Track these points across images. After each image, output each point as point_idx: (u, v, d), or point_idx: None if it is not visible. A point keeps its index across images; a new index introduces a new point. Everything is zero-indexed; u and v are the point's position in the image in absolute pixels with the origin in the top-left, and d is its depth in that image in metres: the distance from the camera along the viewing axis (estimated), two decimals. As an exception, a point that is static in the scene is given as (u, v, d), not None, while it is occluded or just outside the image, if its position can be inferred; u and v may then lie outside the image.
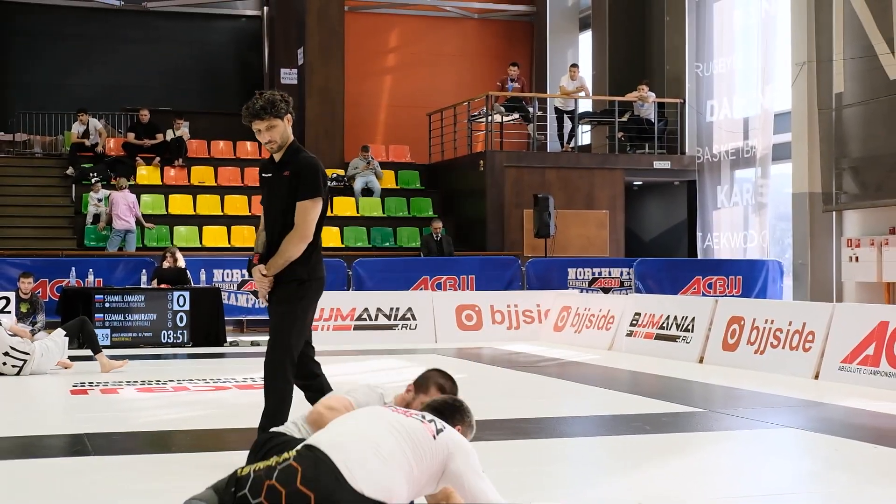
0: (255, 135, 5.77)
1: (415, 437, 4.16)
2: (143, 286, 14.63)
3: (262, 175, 5.91)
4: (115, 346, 13.43)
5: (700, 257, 20.79)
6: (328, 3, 22.93)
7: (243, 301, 15.93)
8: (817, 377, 10.07)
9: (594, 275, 17.74)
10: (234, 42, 26.83)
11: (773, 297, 17.37)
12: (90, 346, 11.01)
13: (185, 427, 7.53)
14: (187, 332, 14.09)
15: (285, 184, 5.71)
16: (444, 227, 19.24)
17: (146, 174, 20.77)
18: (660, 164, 21.27)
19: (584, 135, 23.23)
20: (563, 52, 25.64)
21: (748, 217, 20.10)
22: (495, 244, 20.16)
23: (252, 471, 4.03)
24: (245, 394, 9.17)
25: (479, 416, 7.92)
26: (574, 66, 21.97)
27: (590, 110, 22.45)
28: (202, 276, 15.59)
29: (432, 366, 5.25)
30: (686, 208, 22.10)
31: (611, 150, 21.66)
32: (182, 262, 15.07)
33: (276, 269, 5.71)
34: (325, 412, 4.73)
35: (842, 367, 9.87)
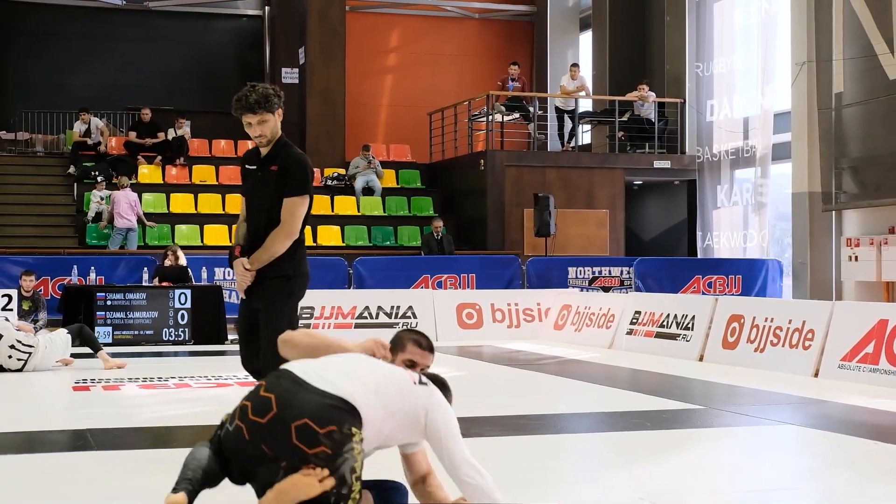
0: (245, 127, 5.68)
1: (392, 374, 4.25)
2: (144, 284, 14.67)
3: (246, 167, 5.84)
4: (116, 343, 13.46)
5: (700, 257, 20.82)
6: (329, 3, 22.96)
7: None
8: (817, 375, 10.10)
9: (594, 274, 17.78)
10: (236, 41, 26.87)
11: (773, 297, 17.40)
12: (90, 347, 11.05)
13: (186, 423, 7.55)
14: (189, 330, 14.12)
15: (272, 178, 5.66)
16: (445, 226, 19.28)
17: (148, 173, 20.80)
18: (660, 164, 21.30)
19: (585, 134, 23.26)
20: (563, 51, 25.69)
21: (748, 216, 20.14)
22: (496, 243, 20.19)
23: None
24: (246, 390, 9.16)
25: (479, 412, 8.02)
26: (574, 65, 22.01)
27: (590, 110, 22.49)
28: (203, 274, 15.62)
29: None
30: (686, 208, 22.13)
31: (611, 150, 21.69)
32: (183, 261, 15.11)
33: (260, 265, 5.67)
34: (298, 340, 4.72)
35: (841, 364, 9.90)
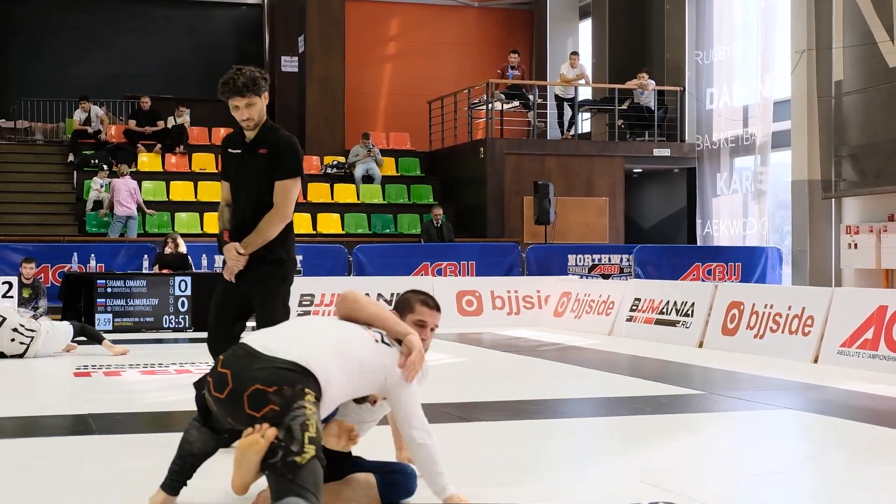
0: (232, 111, 5.57)
1: (352, 332, 4.31)
2: (144, 272, 14.68)
3: (229, 151, 5.75)
4: (116, 330, 13.47)
5: (699, 244, 20.83)
6: (329, -9, 22.95)
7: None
8: (816, 361, 10.12)
9: (594, 261, 17.79)
10: (235, 30, 26.85)
11: (772, 284, 17.40)
12: (93, 341, 11.08)
13: (187, 408, 7.52)
14: (189, 317, 14.14)
15: (261, 162, 5.59)
16: (445, 214, 19.29)
17: (147, 161, 20.80)
18: (659, 152, 21.30)
19: (584, 122, 23.26)
20: (563, 40, 25.65)
21: (747, 204, 20.15)
22: (495, 231, 20.20)
23: None
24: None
25: (479, 397, 8.05)
26: (574, 53, 21.99)
27: (590, 98, 22.48)
28: (203, 261, 15.61)
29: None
30: (685, 195, 22.14)
31: (610, 138, 21.70)
32: (183, 248, 15.12)
33: (253, 248, 5.61)
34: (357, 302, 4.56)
35: (841, 350, 9.93)
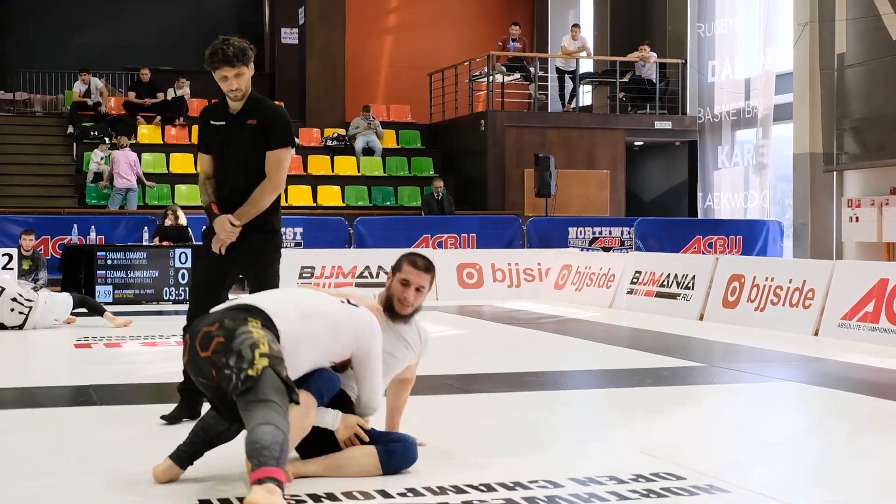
0: (220, 81, 5.49)
1: (319, 294, 4.58)
2: (144, 244, 14.66)
3: (212, 123, 5.67)
4: (117, 302, 13.46)
5: (700, 217, 20.80)
6: (329, -38, 22.80)
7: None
8: (817, 334, 10.13)
9: (595, 234, 17.77)
10: (235, 2, 26.72)
11: (773, 257, 17.39)
12: (95, 313, 11.08)
13: (189, 379, 7.57)
14: (189, 289, 14.13)
15: (251, 132, 5.55)
16: (445, 187, 19.24)
17: (147, 133, 20.74)
18: (661, 125, 21.24)
19: (586, 95, 23.17)
20: (564, 12, 25.53)
21: (749, 177, 20.10)
22: (496, 203, 20.17)
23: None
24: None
25: (479, 369, 8.05)
26: (575, 26, 21.88)
27: (591, 70, 22.39)
28: (203, 233, 15.60)
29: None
30: (687, 168, 22.09)
31: (612, 111, 21.62)
32: (184, 220, 15.10)
33: (247, 219, 5.57)
34: None
35: (841, 323, 9.93)
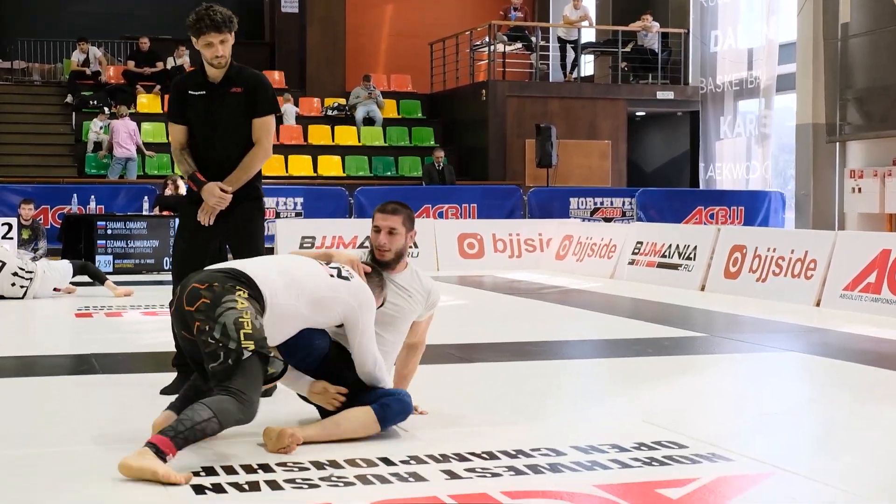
0: (203, 48, 5.43)
1: (306, 263, 4.51)
2: (144, 213, 14.63)
3: (191, 94, 5.57)
4: (117, 272, 13.45)
5: (702, 188, 20.75)
6: (330, -71, 22.65)
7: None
8: (819, 304, 10.11)
9: (596, 205, 17.73)
10: (234, -31, 26.50)
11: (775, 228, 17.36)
12: (96, 280, 11.09)
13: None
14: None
15: (236, 101, 5.53)
16: (446, 157, 19.20)
17: (146, 102, 20.66)
18: (663, 95, 21.16)
19: (587, 65, 23.08)
20: (566, -19, 25.37)
21: (751, 148, 20.04)
22: (497, 174, 20.12)
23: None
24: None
25: (480, 339, 8.04)
26: (578, -6, 21.76)
27: (593, 40, 22.27)
28: (204, 203, 15.57)
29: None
30: (689, 139, 22.03)
31: (614, 81, 21.53)
32: (183, 190, 15.03)
33: (239, 185, 5.55)
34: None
35: (843, 294, 9.91)
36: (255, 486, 3.79)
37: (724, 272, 11.67)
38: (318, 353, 4.54)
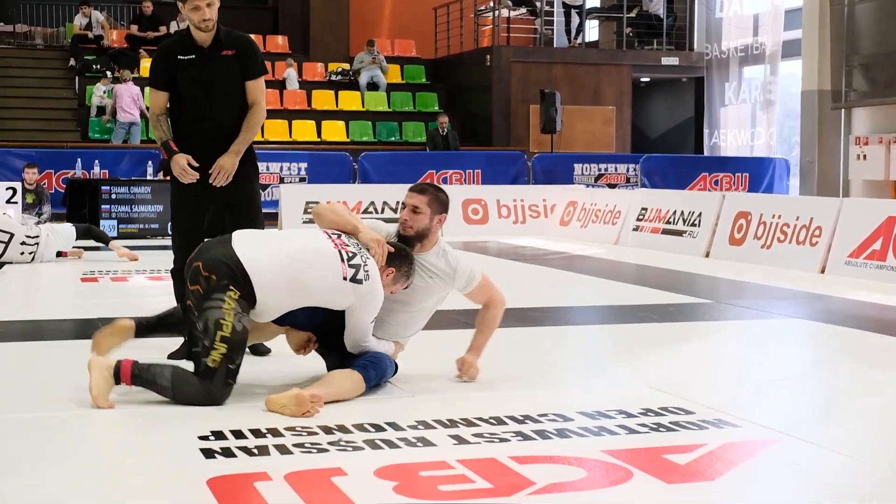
0: (191, 11, 5.38)
1: (322, 268, 4.46)
2: (149, 178, 14.62)
3: (180, 58, 5.50)
4: (121, 237, 13.46)
5: (707, 154, 20.71)
6: None
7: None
8: (824, 271, 10.11)
9: (600, 171, 17.71)
10: (237, -68, 26.35)
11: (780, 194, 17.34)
12: (101, 243, 11.12)
13: (195, 313, 7.57)
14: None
15: (229, 63, 5.51)
16: (450, 122, 19.15)
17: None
18: (667, 61, 21.07)
19: (592, 30, 22.97)
20: (571, -55, 25.19)
21: (756, 114, 19.99)
22: (501, 139, 20.08)
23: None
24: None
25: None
26: (583, -41, 21.64)
27: (598, 5, 22.18)
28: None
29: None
30: (693, 105, 21.96)
31: (618, 46, 21.44)
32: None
33: (246, 147, 5.58)
34: (323, 211, 4.85)
35: (848, 261, 9.91)
36: (264, 451, 3.81)
37: (729, 239, 11.66)
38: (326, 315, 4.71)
